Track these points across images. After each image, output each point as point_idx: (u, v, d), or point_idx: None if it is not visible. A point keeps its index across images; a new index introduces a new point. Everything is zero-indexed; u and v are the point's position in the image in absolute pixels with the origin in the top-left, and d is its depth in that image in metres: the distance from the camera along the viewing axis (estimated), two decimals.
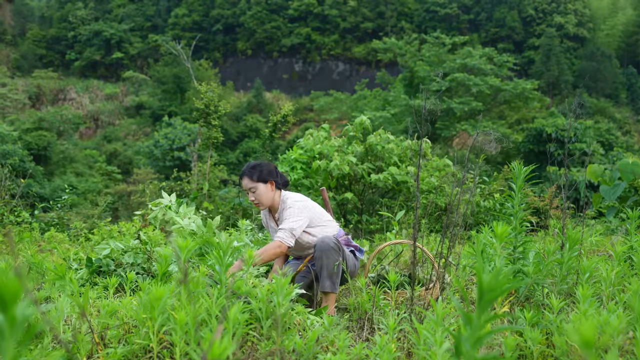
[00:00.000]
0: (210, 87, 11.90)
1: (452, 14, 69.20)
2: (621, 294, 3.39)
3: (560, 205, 8.91)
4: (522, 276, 3.36)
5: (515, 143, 33.88)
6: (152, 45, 67.69)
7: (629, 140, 45.92)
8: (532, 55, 65.13)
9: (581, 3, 69.79)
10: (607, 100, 58.32)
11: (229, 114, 50.67)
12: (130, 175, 33.81)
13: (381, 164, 9.19)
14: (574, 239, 3.51)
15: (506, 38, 68.67)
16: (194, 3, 70.97)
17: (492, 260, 3.08)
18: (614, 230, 8.69)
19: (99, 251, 4.90)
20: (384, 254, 5.50)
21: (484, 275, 1.48)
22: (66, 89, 59.93)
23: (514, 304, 3.29)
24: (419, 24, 69.59)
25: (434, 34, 49.15)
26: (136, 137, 53.37)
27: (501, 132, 36.09)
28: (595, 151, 30.25)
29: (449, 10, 68.86)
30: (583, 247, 5.07)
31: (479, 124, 20.63)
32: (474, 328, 1.48)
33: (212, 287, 2.77)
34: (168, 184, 11.09)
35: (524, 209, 3.58)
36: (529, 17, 68.46)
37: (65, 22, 69.23)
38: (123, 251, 4.97)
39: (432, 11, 69.43)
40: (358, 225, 9.02)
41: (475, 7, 70.55)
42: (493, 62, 44.14)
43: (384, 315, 3.43)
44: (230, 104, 53.78)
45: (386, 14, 69.72)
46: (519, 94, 41.33)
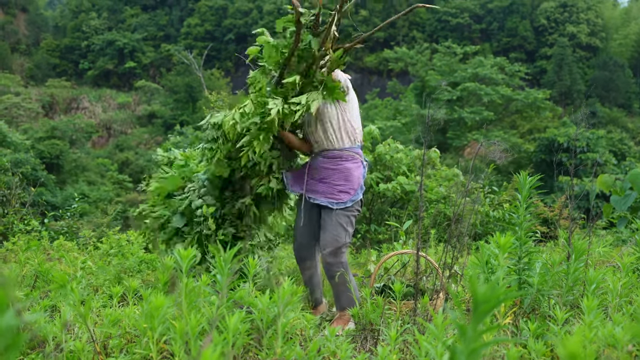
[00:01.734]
0: (220, 97, 11.95)
1: (464, 24, 69.20)
2: (628, 305, 3.35)
3: (569, 215, 8.84)
4: (527, 287, 3.33)
5: (526, 153, 33.76)
6: (164, 55, 68.16)
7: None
8: (544, 64, 64.94)
9: (593, 12, 69.57)
10: (619, 110, 58.00)
11: None
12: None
13: (390, 174, 9.17)
14: (580, 250, 3.48)
15: (518, 47, 68.55)
16: (206, 13, 71.43)
17: (496, 271, 3.05)
18: (625, 240, 8.63)
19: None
20: (391, 264, 5.48)
21: (478, 286, 1.46)
22: (79, 98, 60.37)
23: (519, 315, 3.26)
24: (431, 34, 69.64)
25: (445, 43, 49.16)
26: (148, 146, 53.62)
27: (511, 142, 35.98)
28: (608, 161, 30.08)
29: (461, 20, 68.86)
30: (590, 258, 5.03)
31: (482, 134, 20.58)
32: (469, 340, 1.46)
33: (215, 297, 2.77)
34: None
35: (530, 219, 3.55)
36: (541, 27, 68.32)
37: (79, 32, 69.85)
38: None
39: (444, 21, 69.46)
40: (366, 235, 9.00)
41: (487, 16, 70.52)
42: (504, 72, 44.06)
43: (388, 326, 3.41)
44: None
45: (398, 24, 69.84)
46: (531, 104, 41.22)
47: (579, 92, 59.78)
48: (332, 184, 4.21)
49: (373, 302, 3.64)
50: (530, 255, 3.53)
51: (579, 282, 3.59)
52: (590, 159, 30.42)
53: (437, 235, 8.38)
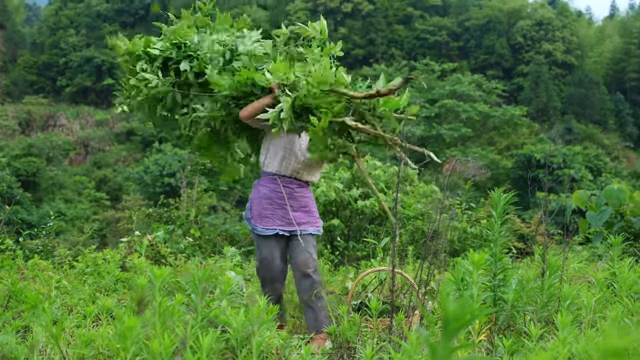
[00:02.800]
0: None
1: (442, 42, 69.87)
2: (602, 321, 3.38)
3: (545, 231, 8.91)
4: (501, 303, 3.34)
5: (504, 169, 34.05)
6: None
7: (618, 166, 46.25)
8: (521, 81, 65.71)
9: (569, 31, 70.68)
10: (595, 127, 58.79)
11: None
12: (120, 201, 33.70)
13: (368, 191, 9.20)
14: (554, 266, 3.50)
15: (495, 65, 69.31)
16: None
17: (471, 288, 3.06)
18: (601, 256, 8.70)
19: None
20: (368, 280, 5.48)
21: (449, 304, 1.47)
22: (56, 115, 59.89)
23: (494, 332, 3.27)
24: (409, 51, 70.18)
25: (423, 60, 49.66)
26: (126, 163, 53.27)
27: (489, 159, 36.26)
28: (584, 177, 30.44)
29: (439, 38, 69.53)
30: (566, 274, 5.07)
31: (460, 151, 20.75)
32: (439, 358, 1.46)
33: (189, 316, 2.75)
34: (155, 211, 11.06)
35: (505, 236, 3.58)
36: (518, 45, 69.21)
37: (57, 49, 69.43)
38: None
39: (422, 38, 70.06)
40: (345, 252, 9.00)
41: (464, 34, 71.29)
42: (482, 89, 44.57)
43: (364, 344, 3.40)
44: None
45: (376, 41, 70.33)
46: (508, 120, 41.70)
47: (555, 109, 60.53)
48: (311, 212, 4.40)
49: (350, 319, 3.63)
50: (506, 271, 3.55)
51: (554, 298, 3.61)
52: (567, 174, 30.75)
53: (415, 251, 8.40)
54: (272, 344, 3.14)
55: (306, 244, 4.26)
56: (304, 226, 4.32)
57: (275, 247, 4.32)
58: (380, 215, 9.26)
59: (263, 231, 4.27)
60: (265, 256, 4.30)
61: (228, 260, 6.40)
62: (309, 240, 4.29)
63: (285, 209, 4.28)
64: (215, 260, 6.78)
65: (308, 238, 4.30)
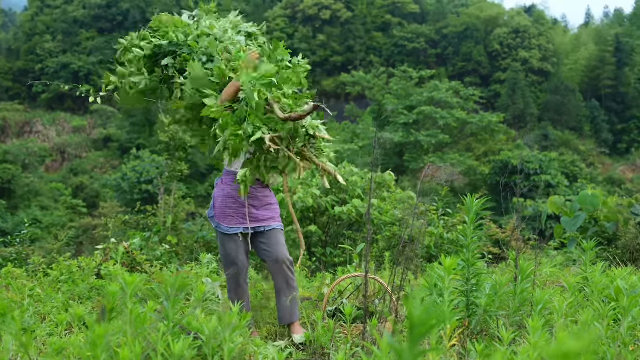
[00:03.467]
0: None
1: (420, 49, 70.26)
2: (574, 325, 3.41)
3: (521, 236, 8.98)
4: (474, 308, 3.37)
5: (482, 175, 34.28)
6: None
7: (593, 172, 46.80)
8: (498, 88, 66.28)
9: (545, 38, 71.47)
10: (571, 133, 59.46)
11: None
12: (97, 208, 33.41)
13: (345, 197, 9.22)
14: (526, 271, 3.54)
15: (473, 72, 69.85)
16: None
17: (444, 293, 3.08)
18: (576, 261, 8.79)
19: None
20: (344, 287, 5.49)
21: (414, 309, 1.48)
22: (32, 122, 59.26)
23: (467, 337, 3.30)
24: (388, 58, 70.49)
25: (401, 67, 49.90)
26: (104, 170, 52.85)
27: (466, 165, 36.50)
28: (560, 183, 30.73)
29: (417, 45, 69.92)
30: (539, 279, 5.12)
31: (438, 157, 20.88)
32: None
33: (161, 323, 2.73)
34: (132, 218, 10.98)
35: (478, 241, 3.61)
36: (495, 52, 69.83)
37: (33, 55, 68.72)
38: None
39: (401, 45, 70.41)
40: (322, 258, 9.00)
41: (442, 41, 71.78)
42: (459, 96, 44.88)
43: (337, 350, 3.40)
44: None
45: (355, 48, 70.55)
46: (485, 127, 42.00)
47: (532, 116, 61.14)
48: (273, 209, 4.49)
49: (324, 325, 3.64)
50: (479, 276, 3.58)
51: (526, 302, 3.65)
52: (544, 180, 31.03)
53: (392, 257, 8.43)
54: (245, 350, 3.14)
55: (278, 238, 4.39)
56: (268, 222, 4.41)
57: (239, 244, 4.38)
58: (358, 222, 9.29)
59: (227, 230, 4.34)
60: (229, 252, 4.37)
61: (204, 268, 6.37)
62: (279, 235, 4.41)
63: (248, 208, 4.34)
64: (191, 268, 6.75)
65: (277, 233, 4.41)
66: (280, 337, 4.56)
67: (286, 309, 4.29)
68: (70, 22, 72.71)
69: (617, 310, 3.44)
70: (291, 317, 4.26)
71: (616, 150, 61.85)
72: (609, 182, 46.38)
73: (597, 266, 4.07)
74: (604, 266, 4.44)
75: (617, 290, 3.75)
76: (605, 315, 3.29)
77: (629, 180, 50.01)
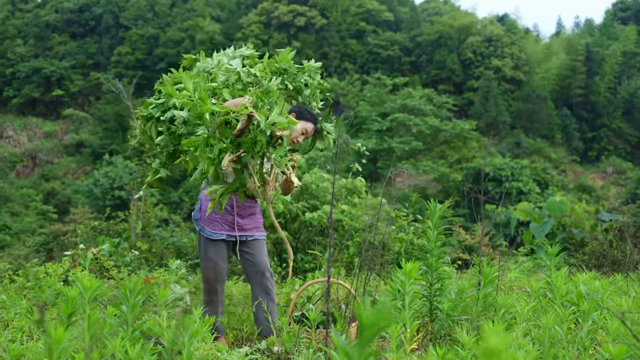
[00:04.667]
0: None
1: (394, 56, 70.66)
2: (536, 329, 3.45)
3: (489, 242, 9.09)
4: (437, 313, 3.39)
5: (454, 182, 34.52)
6: (93, 83, 66.72)
7: (564, 179, 47.41)
8: (471, 96, 66.89)
9: (517, 47, 72.35)
10: (543, 141, 60.19)
11: None
12: (68, 214, 33.01)
13: (316, 203, 9.22)
14: (489, 276, 3.57)
15: (446, 80, 70.43)
16: (137, 41, 70.57)
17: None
18: (544, 266, 8.89)
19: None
20: (313, 292, 5.49)
21: (363, 311, 1.49)
22: (3, 127, 58.41)
23: (430, 341, 3.32)
24: (362, 65, 70.77)
25: (375, 75, 50.14)
26: (76, 175, 52.24)
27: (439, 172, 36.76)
28: (532, 190, 31.06)
29: (391, 52, 70.31)
30: (504, 284, 5.17)
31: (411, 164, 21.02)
32: None
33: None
34: (101, 224, 10.87)
35: (440, 246, 3.63)
36: (468, 60, 70.50)
37: (4, 59, 67.79)
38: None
39: (375, 53, 70.75)
40: (293, 264, 8.98)
41: (416, 49, 72.28)
42: (433, 103, 45.21)
43: (301, 355, 3.40)
44: None
45: (330, 55, 70.75)
46: (458, 134, 42.34)
47: (505, 124, 61.78)
48: (257, 219, 4.51)
49: (289, 331, 3.63)
50: (442, 281, 3.61)
51: (490, 307, 3.68)
52: (515, 188, 31.35)
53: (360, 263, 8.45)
54: (207, 356, 3.12)
55: (260, 248, 4.43)
56: (252, 231, 4.44)
57: (221, 250, 4.39)
58: (328, 228, 9.29)
59: (211, 235, 4.34)
60: (211, 257, 4.36)
61: (173, 273, 6.34)
62: (261, 245, 4.45)
63: (233, 215, 4.36)
64: (160, 273, 6.70)
65: (260, 243, 4.46)
66: (246, 343, 4.55)
67: (262, 321, 4.31)
68: (42, 26, 71.93)
69: (577, 314, 3.48)
70: (268, 331, 4.27)
71: (587, 158, 62.75)
72: (580, 190, 47.02)
73: (561, 271, 4.13)
74: (567, 271, 4.50)
75: (578, 295, 3.81)
76: (565, 319, 3.33)
77: (599, 187, 50.78)
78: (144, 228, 10.63)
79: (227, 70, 4.34)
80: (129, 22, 72.47)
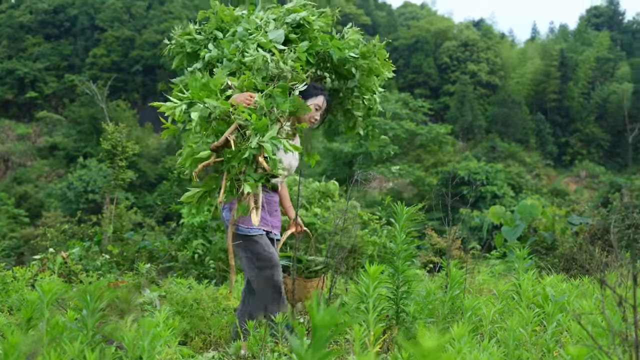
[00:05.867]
0: (118, 128, 11.70)
1: None
2: (502, 331, 3.46)
3: (461, 245, 9.12)
4: (403, 316, 3.39)
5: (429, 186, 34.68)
6: (68, 85, 66.06)
7: (538, 183, 47.90)
8: (448, 100, 67.40)
9: (493, 52, 73.07)
10: (517, 145, 60.78)
11: (147, 156, 49.83)
12: (41, 218, 32.60)
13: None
14: (455, 278, 3.58)
15: (422, 84, 70.87)
16: (113, 43, 70.02)
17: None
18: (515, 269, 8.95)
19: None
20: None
21: (316, 313, 1.47)
22: None
23: (395, 344, 3.31)
24: None
25: None
26: (49, 179, 51.64)
27: (415, 175, 36.93)
28: (506, 194, 31.32)
29: None
30: (474, 287, 5.19)
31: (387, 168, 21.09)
32: None
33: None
34: (71, 227, 10.74)
35: (407, 249, 3.63)
36: (444, 65, 71.05)
37: None
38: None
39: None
40: None
41: (393, 53, 72.02)
42: (409, 107, 45.43)
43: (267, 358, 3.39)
44: (149, 145, 52.96)
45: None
46: (434, 138, 42.58)
47: (480, 128, 62.31)
48: (278, 217, 4.27)
49: (256, 334, 3.61)
50: (409, 284, 3.61)
51: (458, 310, 3.69)
52: (490, 191, 31.60)
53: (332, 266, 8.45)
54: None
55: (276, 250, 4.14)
56: (276, 230, 4.19)
57: (266, 240, 4.02)
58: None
59: (247, 231, 3.91)
60: (259, 250, 3.95)
61: (143, 278, 6.28)
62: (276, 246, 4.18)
63: (265, 211, 3.95)
64: (130, 277, 6.65)
65: (276, 244, 4.18)
66: (215, 347, 4.51)
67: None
68: (16, 27, 71.02)
69: (542, 317, 3.51)
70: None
71: (560, 162, 63.50)
72: (554, 194, 47.51)
73: (528, 274, 4.15)
74: (536, 274, 4.53)
75: (544, 297, 3.83)
76: (530, 322, 3.34)
77: (573, 191, 51.40)
78: (116, 232, 10.52)
79: (264, 44, 3.91)
80: (104, 24, 71.85)
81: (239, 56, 3.89)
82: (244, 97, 3.62)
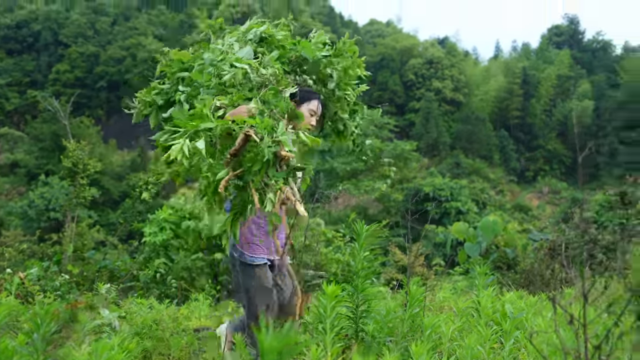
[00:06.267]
0: (80, 145, 11.56)
1: None
2: (461, 349, 3.48)
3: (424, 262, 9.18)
4: (362, 334, 3.38)
5: (395, 202, 34.86)
6: (30, 101, 65.02)
7: (502, 199, 48.49)
8: (413, 117, 67.97)
9: (457, 69, 74.02)
10: (482, 161, 61.50)
11: (111, 173, 49.24)
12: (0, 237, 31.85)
13: None
14: (415, 296, 3.59)
15: (388, 101, 71.38)
16: (77, 59, 69.24)
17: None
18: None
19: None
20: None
21: (264, 338, 1.46)
22: None
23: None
24: None
25: None
26: (9, 196, 50.64)
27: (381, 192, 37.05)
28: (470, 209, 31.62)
29: None
30: (435, 304, 5.21)
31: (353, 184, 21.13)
32: None
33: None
34: (30, 247, 10.53)
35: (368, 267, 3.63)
36: (410, 82, 71.74)
37: None
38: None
39: None
40: (229, 286, 8.88)
41: None
42: (374, 124, 45.72)
43: None
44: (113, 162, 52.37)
45: None
46: (399, 155, 42.88)
47: (445, 144, 62.95)
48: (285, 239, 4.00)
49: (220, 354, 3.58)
50: (369, 302, 3.61)
51: (418, 328, 3.69)
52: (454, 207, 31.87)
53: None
54: None
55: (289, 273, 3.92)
56: (284, 255, 3.93)
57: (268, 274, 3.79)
58: None
59: (252, 260, 3.72)
60: (262, 282, 3.74)
61: (102, 298, 6.17)
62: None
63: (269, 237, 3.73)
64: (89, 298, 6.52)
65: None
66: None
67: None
68: None
69: (500, 334, 3.53)
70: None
71: (524, 178, 64.39)
72: (517, 209, 48.16)
73: (487, 291, 4.18)
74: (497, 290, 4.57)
75: (502, 315, 3.86)
76: (488, 339, 3.36)
77: (536, 207, 52.13)
78: (76, 251, 10.35)
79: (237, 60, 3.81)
80: (68, 40, 71.07)
81: (215, 80, 3.74)
82: (241, 110, 3.42)
